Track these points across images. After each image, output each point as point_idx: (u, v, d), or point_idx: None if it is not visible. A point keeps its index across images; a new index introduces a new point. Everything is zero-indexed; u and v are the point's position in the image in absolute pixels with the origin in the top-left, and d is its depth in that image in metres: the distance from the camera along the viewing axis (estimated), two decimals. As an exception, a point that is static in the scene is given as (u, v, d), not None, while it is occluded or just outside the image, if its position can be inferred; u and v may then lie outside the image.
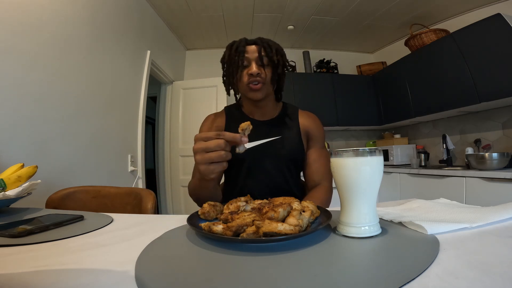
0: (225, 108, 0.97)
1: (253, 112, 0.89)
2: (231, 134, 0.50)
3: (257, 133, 0.83)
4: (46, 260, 0.34)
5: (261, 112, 0.89)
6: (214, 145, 0.50)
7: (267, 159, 0.84)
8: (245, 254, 0.34)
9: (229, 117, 0.92)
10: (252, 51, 0.80)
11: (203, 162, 0.51)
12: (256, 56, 0.80)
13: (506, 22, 1.77)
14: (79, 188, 0.96)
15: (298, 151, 0.87)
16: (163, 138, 2.88)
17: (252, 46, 0.81)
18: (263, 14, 2.58)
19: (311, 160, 0.88)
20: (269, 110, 0.89)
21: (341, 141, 3.34)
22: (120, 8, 1.85)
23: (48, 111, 1.21)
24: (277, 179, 0.85)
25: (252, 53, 0.80)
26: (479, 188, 1.70)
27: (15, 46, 1.06)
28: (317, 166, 0.87)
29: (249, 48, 0.81)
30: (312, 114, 0.95)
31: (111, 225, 0.53)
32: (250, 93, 0.82)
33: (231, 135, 0.50)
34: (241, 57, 0.79)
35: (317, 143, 0.90)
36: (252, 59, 0.80)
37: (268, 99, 0.87)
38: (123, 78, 1.89)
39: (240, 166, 0.85)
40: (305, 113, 0.94)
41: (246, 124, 0.53)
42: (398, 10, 2.50)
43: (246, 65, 0.81)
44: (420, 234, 0.39)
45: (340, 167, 0.41)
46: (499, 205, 0.49)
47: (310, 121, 0.91)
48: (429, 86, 2.36)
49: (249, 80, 0.80)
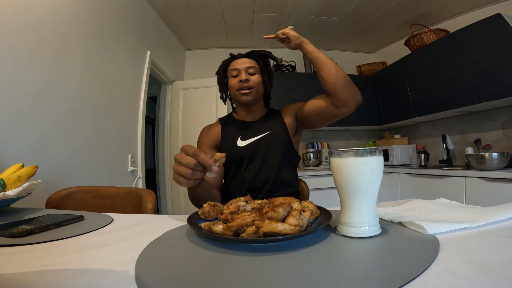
0: (219, 119, 1.08)
1: (244, 116, 1.02)
2: (204, 158, 0.53)
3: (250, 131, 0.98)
4: (46, 260, 0.34)
5: (252, 115, 1.02)
6: (185, 162, 0.52)
7: (261, 151, 0.93)
8: (245, 254, 0.34)
9: (224, 124, 1.03)
10: (242, 62, 0.96)
11: (174, 171, 0.54)
12: (244, 67, 0.94)
13: (506, 22, 1.77)
14: (79, 188, 0.96)
15: (286, 138, 0.96)
16: (163, 138, 2.88)
17: (242, 59, 0.97)
18: (263, 14, 2.58)
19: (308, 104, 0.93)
20: (258, 112, 1.03)
21: (341, 141, 3.34)
22: (120, 8, 1.85)
23: (48, 111, 1.21)
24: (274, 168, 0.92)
25: (240, 64, 0.95)
26: (479, 188, 1.70)
27: (15, 46, 1.06)
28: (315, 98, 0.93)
29: (238, 61, 0.97)
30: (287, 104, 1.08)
31: (111, 225, 0.53)
32: (241, 97, 0.95)
33: (204, 159, 0.53)
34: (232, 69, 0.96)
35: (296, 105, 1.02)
36: (241, 69, 0.95)
37: (258, 103, 1.01)
38: (123, 78, 1.89)
39: (239, 161, 0.93)
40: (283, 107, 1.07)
41: (220, 155, 0.56)
42: (398, 10, 2.50)
43: (236, 75, 0.96)
44: (420, 234, 0.39)
45: (340, 167, 0.41)
46: (499, 205, 0.49)
47: (285, 108, 1.05)
48: (429, 86, 2.36)
49: (239, 86, 0.93)
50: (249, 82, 0.93)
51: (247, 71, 0.94)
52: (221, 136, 0.99)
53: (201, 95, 2.77)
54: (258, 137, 0.95)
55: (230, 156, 0.90)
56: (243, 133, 0.97)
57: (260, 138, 0.95)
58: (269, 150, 0.93)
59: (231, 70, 0.96)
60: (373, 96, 3.07)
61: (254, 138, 0.95)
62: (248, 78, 0.93)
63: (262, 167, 0.92)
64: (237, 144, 0.95)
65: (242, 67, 0.94)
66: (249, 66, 0.94)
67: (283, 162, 0.94)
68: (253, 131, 0.97)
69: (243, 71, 0.94)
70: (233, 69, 0.95)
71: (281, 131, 0.97)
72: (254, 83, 0.94)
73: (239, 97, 0.95)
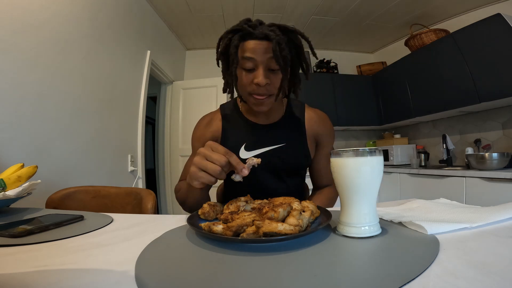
0: (220, 108, 0.83)
1: (254, 113, 0.78)
2: (236, 160, 0.50)
3: (260, 138, 0.75)
4: (46, 260, 0.34)
5: (265, 115, 0.77)
6: (215, 158, 0.49)
7: (267, 169, 0.75)
8: (245, 254, 0.34)
9: (226, 121, 0.80)
10: (261, 51, 0.61)
11: (197, 165, 0.50)
12: (266, 58, 0.61)
13: (506, 22, 1.77)
14: (79, 188, 0.96)
15: (303, 159, 0.78)
16: (163, 138, 2.88)
17: (263, 43, 0.60)
18: (263, 14, 2.58)
19: (321, 165, 0.82)
20: (273, 111, 0.77)
21: (341, 141, 3.34)
22: (120, 8, 1.85)
23: (48, 111, 1.21)
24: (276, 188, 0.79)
25: (260, 54, 0.61)
26: (479, 188, 1.70)
27: (15, 45, 1.06)
28: (327, 172, 0.82)
29: (257, 45, 0.61)
30: (321, 114, 0.82)
31: (111, 225, 0.53)
32: (253, 106, 0.69)
33: (236, 161, 0.50)
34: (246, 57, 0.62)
35: (326, 148, 0.81)
36: (260, 62, 0.62)
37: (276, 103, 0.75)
38: (123, 78, 1.89)
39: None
40: (313, 113, 0.81)
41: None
42: (398, 10, 2.50)
43: (251, 68, 0.63)
44: (420, 234, 0.39)
45: (340, 167, 0.41)
46: (499, 205, 0.49)
47: (319, 123, 0.80)
48: (429, 86, 2.36)
49: (254, 90, 0.64)
50: (269, 86, 0.64)
51: (268, 66, 0.62)
52: (222, 136, 0.79)
53: (201, 95, 2.77)
54: (268, 148, 0.74)
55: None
56: (250, 140, 0.76)
57: (270, 150, 0.75)
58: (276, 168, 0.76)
59: (244, 57, 0.62)
60: (373, 96, 3.07)
61: (262, 149, 0.75)
62: (268, 81, 0.62)
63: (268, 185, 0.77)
64: (239, 154, 0.75)
65: (262, 59, 0.61)
66: (271, 58, 0.61)
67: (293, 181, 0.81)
68: (263, 139, 0.75)
69: (262, 66, 0.62)
70: (247, 57, 0.62)
71: (299, 145, 0.77)
72: (275, 88, 0.65)
73: (250, 102, 0.69)
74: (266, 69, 0.63)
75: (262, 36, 0.60)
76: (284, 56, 0.60)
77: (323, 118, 0.81)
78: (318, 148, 0.82)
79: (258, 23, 0.64)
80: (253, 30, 0.61)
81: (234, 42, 0.63)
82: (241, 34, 0.62)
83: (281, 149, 0.75)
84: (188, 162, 0.80)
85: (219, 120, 0.80)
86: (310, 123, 0.79)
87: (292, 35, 0.64)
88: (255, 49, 0.61)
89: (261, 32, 0.60)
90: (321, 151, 0.82)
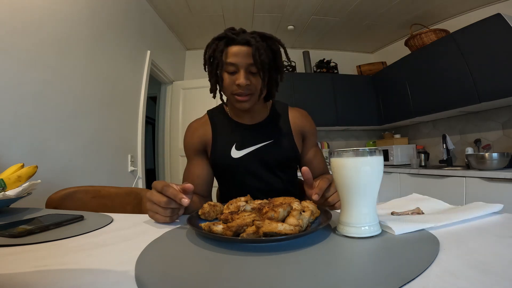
0: (208, 113, 0.89)
1: (241, 115, 0.84)
2: (173, 192, 0.49)
3: (248, 137, 0.82)
4: (46, 260, 0.34)
5: (250, 116, 0.84)
6: (155, 199, 0.50)
7: (259, 165, 0.81)
8: (245, 254, 0.34)
9: (215, 125, 0.85)
10: (243, 55, 0.69)
11: (150, 210, 0.52)
12: (246, 62, 0.69)
13: (506, 22, 1.77)
14: (79, 188, 0.96)
15: (291, 153, 0.84)
16: (163, 138, 2.88)
17: (243, 48, 0.69)
18: (263, 14, 2.58)
19: (309, 158, 0.88)
20: (258, 112, 0.85)
21: (341, 141, 3.34)
22: (120, 8, 1.85)
23: (48, 111, 1.21)
24: (272, 183, 0.83)
25: (241, 57, 0.69)
26: (479, 188, 1.70)
27: (15, 45, 1.06)
28: (316, 163, 0.88)
29: (239, 50, 0.69)
30: (303, 111, 0.91)
31: (111, 225, 0.53)
32: (236, 104, 0.76)
33: (173, 193, 0.49)
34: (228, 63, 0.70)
35: (312, 141, 0.89)
36: (241, 65, 0.70)
37: (259, 103, 0.83)
38: (123, 78, 1.89)
39: (233, 172, 0.82)
40: (295, 111, 0.89)
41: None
42: (398, 10, 2.50)
43: (233, 71, 0.71)
44: (420, 234, 0.39)
45: (340, 167, 0.41)
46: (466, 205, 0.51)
47: (302, 119, 0.87)
48: (429, 86, 2.36)
49: (236, 90, 0.72)
50: (249, 87, 0.72)
51: (248, 69, 0.71)
52: (212, 140, 0.83)
53: (201, 95, 2.77)
54: (257, 146, 0.81)
55: (223, 168, 0.83)
56: (239, 140, 0.82)
57: (260, 147, 0.81)
58: (267, 163, 0.81)
59: (228, 63, 0.71)
60: (373, 96, 3.07)
61: (252, 147, 0.81)
62: (248, 82, 0.70)
63: (261, 182, 0.82)
64: (231, 154, 0.80)
65: (242, 63, 0.69)
66: (251, 63, 0.69)
67: (286, 174, 0.86)
68: (251, 138, 0.82)
69: (243, 69, 0.70)
70: (230, 63, 0.70)
71: (286, 140, 0.83)
72: (255, 88, 0.73)
73: (234, 102, 0.76)
74: (247, 71, 0.71)
75: (244, 41, 0.69)
76: (262, 60, 0.69)
77: (304, 115, 0.90)
78: (305, 141, 0.89)
79: (241, 31, 0.73)
80: (236, 36, 0.70)
81: (219, 48, 0.71)
82: (225, 40, 0.71)
83: (269, 145, 0.82)
84: (186, 170, 0.87)
85: (208, 124, 0.86)
86: (294, 120, 0.87)
87: (270, 42, 0.73)
88: (237, 53, 0.69)
89: (243, 38, 0.69)
90: (308, 142, 0.89)
